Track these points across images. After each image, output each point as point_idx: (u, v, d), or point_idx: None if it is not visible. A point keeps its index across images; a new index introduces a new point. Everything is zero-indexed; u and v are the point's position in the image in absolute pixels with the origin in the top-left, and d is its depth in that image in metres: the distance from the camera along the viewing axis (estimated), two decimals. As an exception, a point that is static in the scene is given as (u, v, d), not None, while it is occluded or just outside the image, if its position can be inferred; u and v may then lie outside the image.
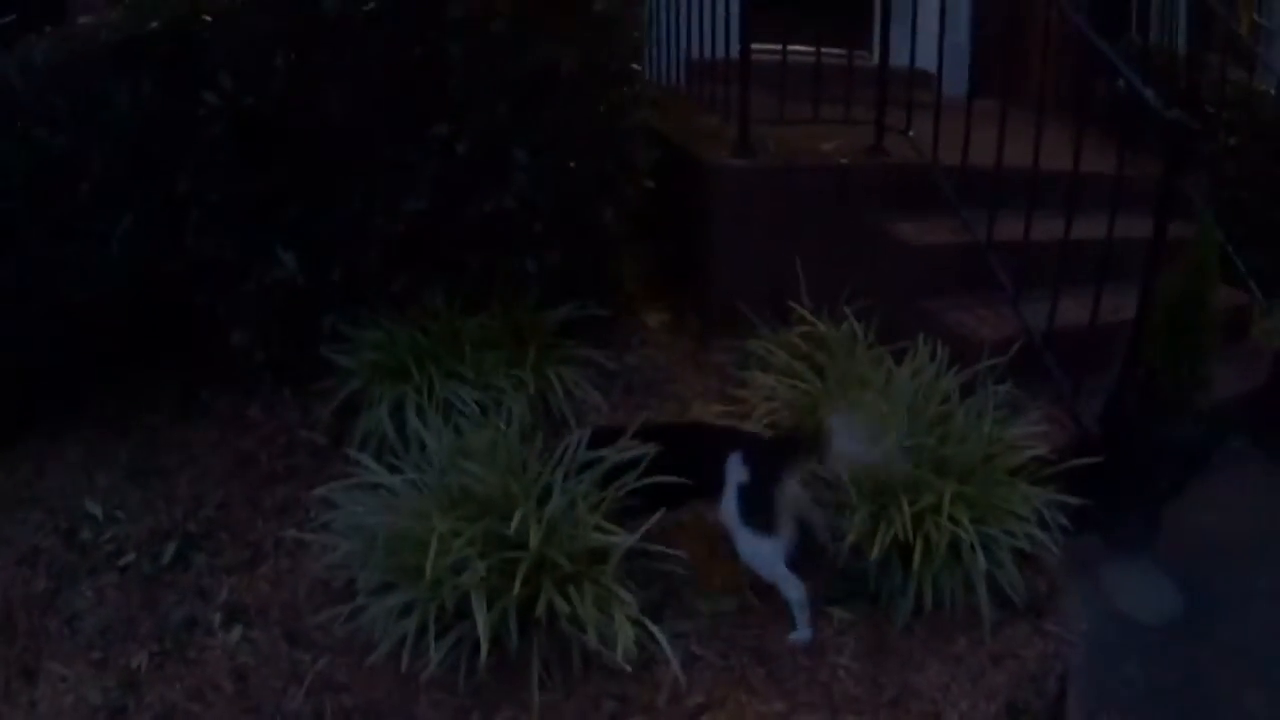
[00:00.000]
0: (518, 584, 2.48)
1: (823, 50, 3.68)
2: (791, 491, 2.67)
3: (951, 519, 2.78)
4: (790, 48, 3.70)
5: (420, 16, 2.92)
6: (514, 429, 2.78)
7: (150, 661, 2.81)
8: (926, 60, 3.70)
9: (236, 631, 2.84)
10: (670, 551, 2.70)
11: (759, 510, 2.63)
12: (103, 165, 3.17)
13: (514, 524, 2.54)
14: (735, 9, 3.52)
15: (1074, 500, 2.98)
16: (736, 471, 2.66)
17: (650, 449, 2.62)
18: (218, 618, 2.88)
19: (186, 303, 3.22)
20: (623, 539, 2.61)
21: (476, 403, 2.87)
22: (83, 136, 3.20)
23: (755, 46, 3.49)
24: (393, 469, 2.80)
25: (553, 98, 2.92)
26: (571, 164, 2.96)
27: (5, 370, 3.43)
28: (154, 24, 3.16)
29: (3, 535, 3.25)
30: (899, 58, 3.72)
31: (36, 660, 2.91)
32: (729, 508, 2.66)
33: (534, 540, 2.52)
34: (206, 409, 3.40)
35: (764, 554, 2.67)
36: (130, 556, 3.07)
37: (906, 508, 2.76)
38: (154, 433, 3.41)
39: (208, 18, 3.09)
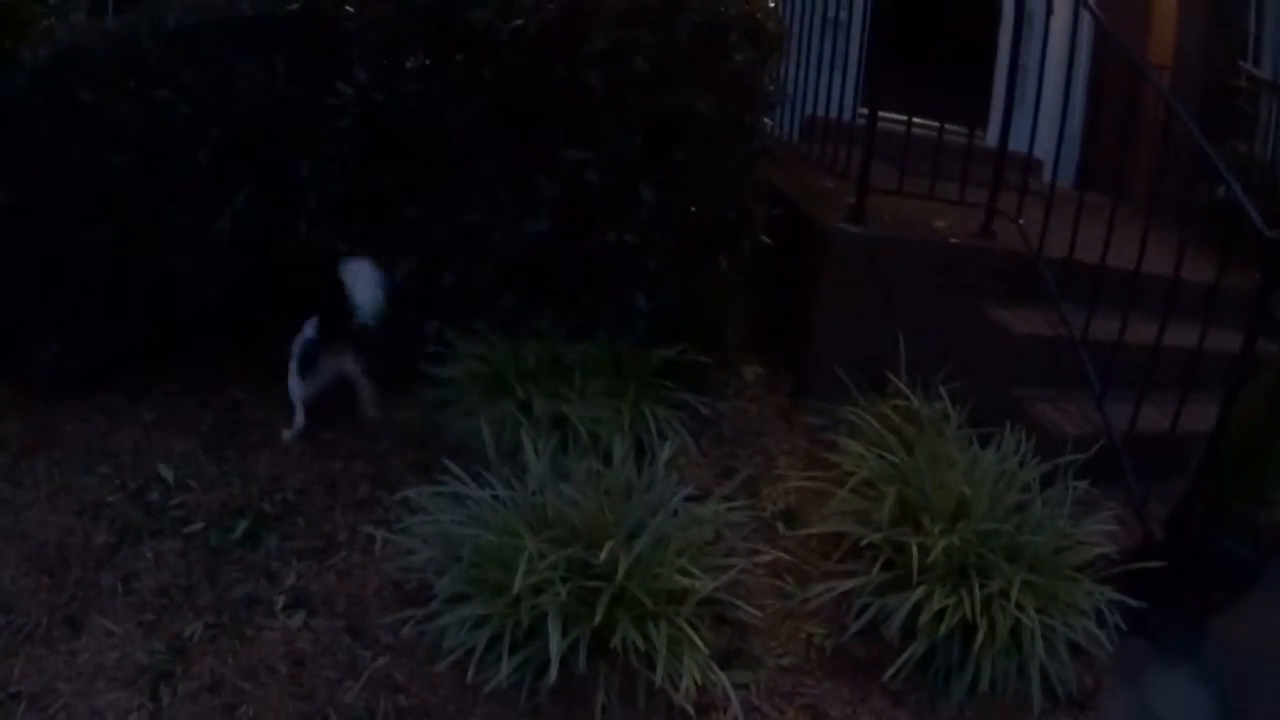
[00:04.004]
0: (599, 614, 2.50)
1: (933, 127, 3.70)
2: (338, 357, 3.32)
3: (1018, 605, 2.82)
4: (900, 117, 3.72)
5: (566, 40, 2.95)
6: (615, 459, 2.80)
7: (204, 632, 2.79)
8: (1037, 147, 3.74)
9: (299, 617, 2.83)
10: (742, 604, 2.74)
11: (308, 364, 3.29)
12: (224, 138, 3.20)
13: (603, 554, 2.56)
14: (856, 73, 3.55)
15: (1133, 602, 3.01)
16: (309, 327, 3.31)
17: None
18: (281, 600, 2.87)
19: (285, 284, 3.25)
20: (704, 584, 2.64)
21: (576, 429, 2.89)
22: (207, 106, 3.23)
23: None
24: (479, 480, 2.82)
25: (684, 141, 2.95)
26: (693, 208, 2.99)
27: (92, 319, 3.47)
28: (294, 6, 3.20)
29: (66, 483, 3.25)
30: (1014, 142, 3.74)
31: (84, 612, 2.88)
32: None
33: (620, 573, 2.54)
34: (294, 391, 3.41)
35: (292, 385, 3.32)
36: (198, 525, 3.06)
37: (978, 590, 2.80)
38: (236, 408, 3.43)
39: (350, 9, 3.12)
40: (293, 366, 3.31)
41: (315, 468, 3.23)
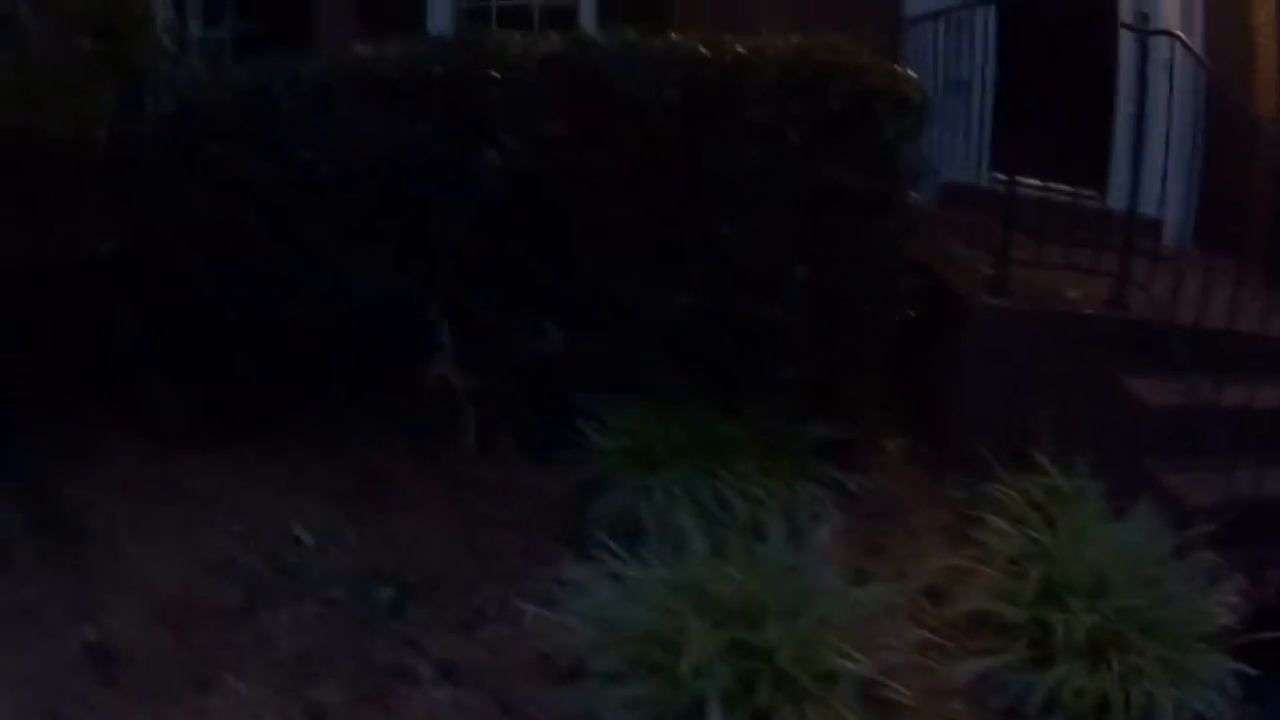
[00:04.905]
0: (763, 697, 2.53)
1: (1057, 189, 3.70)
2: None
3: (1151, 680, 2.88)
4: (1030, 181, 3.75)
5: (719, 112, 2.95)
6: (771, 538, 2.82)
7: (344, 700, 2.73)
8: (1155, 206, 3.75)
9: (445, 690, 2.79)
10: (891, 683, 2.76)
11: None
12: (365, 198, 3.19)
13: (766, 636, 2.58)
14: (984, 135, 3.55)
15: (1251, 671, 3.06)
16: None
17: None
18: (427, 672, 2.83)
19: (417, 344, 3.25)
20: (861, 666, 2.68)
21: (730, 506, 2.92)
22: (346, 166, 3.20)
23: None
24: (634, 557, 2.83)
25: (834, 215, 2.96)
26: (840, 284, 3.01)
27: (219, 369, 3.46)
28: (438, 68, 3.17)
29: (191, 538, 3.21)
30: (1138, 204, 3.75)
31: (214, 672, 2.80)
32: None
33: (785, 656, 2.57)
34: (433, 457, 3.41)
35: None
36: (339, 591, 3.03)
37: (1115, 666, 2.85)
38: (369, 469, 3.41)
39: (496, 74, 3.10)
40: None
41: (460, 536, 3.22)
